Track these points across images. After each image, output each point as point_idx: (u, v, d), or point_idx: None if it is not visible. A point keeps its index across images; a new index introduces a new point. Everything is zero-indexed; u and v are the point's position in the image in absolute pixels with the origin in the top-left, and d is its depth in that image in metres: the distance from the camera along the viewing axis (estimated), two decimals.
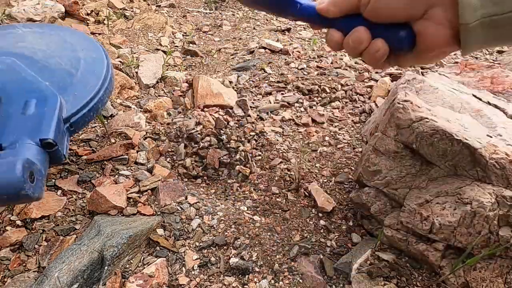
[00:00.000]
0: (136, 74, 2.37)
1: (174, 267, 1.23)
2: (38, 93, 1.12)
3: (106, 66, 1.35)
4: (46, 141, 1.01)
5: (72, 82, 1.24)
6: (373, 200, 1.31)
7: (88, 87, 1.24)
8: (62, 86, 1.21)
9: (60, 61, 1.32)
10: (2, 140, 1.00)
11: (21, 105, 1.08)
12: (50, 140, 1.02)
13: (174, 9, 3.89)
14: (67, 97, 1.17)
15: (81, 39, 1.48)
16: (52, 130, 1.04)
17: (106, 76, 1.31)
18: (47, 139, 1.01)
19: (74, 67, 1.30)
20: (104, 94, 1.27)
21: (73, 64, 1.31)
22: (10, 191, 0.86)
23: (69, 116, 1.14)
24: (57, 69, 1.28)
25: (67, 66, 1.30)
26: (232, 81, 2.37)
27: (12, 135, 1.00)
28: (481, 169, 1.12)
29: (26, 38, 1.42)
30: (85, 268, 1.12)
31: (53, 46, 1.40)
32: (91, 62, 1.35)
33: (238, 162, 1.74)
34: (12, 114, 1.06)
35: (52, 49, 1.38)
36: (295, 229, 1.40)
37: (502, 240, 1.04)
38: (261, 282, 1.20)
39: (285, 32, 3.21)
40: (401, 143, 1.26)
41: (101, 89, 1.26)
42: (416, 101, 1.35)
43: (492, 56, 2.69)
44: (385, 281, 1.14)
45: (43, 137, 1.01)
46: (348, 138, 1.85)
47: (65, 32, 1.51)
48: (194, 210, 1.44)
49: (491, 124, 1.34)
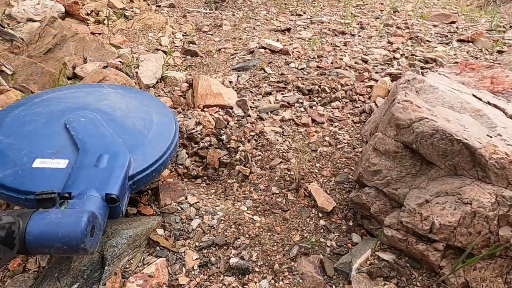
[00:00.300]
0: (136, 74, 2.37)
1: (174, 267, 1.23)
2: (112, 148, 1.21)
3: (175, 131, 1.43)
4: (111, 196, 1.07)
5: (143, 142, 1.32)
6: (373, 200, 1.31)
7: (156, 149, 1.31)
8: (133, 144, 1.28)
9: (135, 122, 1.41)
10: (73, 188, 1.07)
11: (95, 158, 1.17)
12: (114, 196, 1.08)
13: (174, 9, 3.89)
14: (136, 156, 1.24)
15: (156, 104, 1.59)
16: (118, 186, 1.10)
17: (173, 141, 1.38)
18: (112, 195, 1.07)
19: (146, 129, 1.39)
20: (169, 157, 1.34)
21: (146, 126, 1.40)
22: (72, 242, 0.91)
23: (134, 174, 1.20)
24: (132, 128, 1.37)
25: (140, 126, 1.39)
26: (232, 81, 2.37)
27: (82, 185, 1.08)
28: (481, 169, 1.12)
29: (109, 97, 1.54)
30: (85, 268, 1.12)
31: (131, 107, 1.50)
32: (162, 126, 1.43)
33: (238, 162, 1.74)
34: (86, 165, 1.14)
35: (129, 109, 1.48)
36: (295, 229, 1.40)
37: (502, 240, 1.04)
38: (261, 282, 1.20)
39: (285, 32, 3.21)
40: (401, 143, 1.26)
41: (167, 152, 1.33)
42: (416, 101, 1.35)
43: (492, 56, 2.69)
44: (385, 281, 1.14)
45: (109, 192, 1.08)
46: (348, 138, 1.85)
47: (143, 96, 1.64)
48: (194, 210, 1.44)
49: (491, 124, 1.34)
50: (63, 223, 0.92)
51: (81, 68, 2.34)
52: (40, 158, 1.18)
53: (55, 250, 0.92)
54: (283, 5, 4.10)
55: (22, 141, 1.25)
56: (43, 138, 1.27)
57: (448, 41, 2.99)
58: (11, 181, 1.12)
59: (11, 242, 0.87)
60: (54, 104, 1.46)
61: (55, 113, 1.39)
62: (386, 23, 3.42)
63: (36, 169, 1.15)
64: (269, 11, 3.91)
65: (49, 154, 1.20)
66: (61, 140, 1.26)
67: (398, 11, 4.01)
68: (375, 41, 3.01)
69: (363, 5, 4.29)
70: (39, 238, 0.91)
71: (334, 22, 3.53)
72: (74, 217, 0.93)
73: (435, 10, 3.99)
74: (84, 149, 1.20)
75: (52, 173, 1.14)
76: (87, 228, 0.92)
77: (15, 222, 0.90)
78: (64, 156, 1.19)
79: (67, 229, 0.91)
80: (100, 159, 1.16)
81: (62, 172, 1.14)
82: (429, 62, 2.50)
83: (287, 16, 3.77)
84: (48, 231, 0.91)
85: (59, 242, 0.91)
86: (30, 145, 1.23)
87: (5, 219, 0.89)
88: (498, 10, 4.41)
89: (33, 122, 1.34)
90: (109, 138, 1.27)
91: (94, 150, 1.20)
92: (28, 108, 1.43)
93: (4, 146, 1.23)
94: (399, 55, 2.67)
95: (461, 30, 3.30)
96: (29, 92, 1.98)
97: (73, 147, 1.23)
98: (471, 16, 3.97)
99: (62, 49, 2.45)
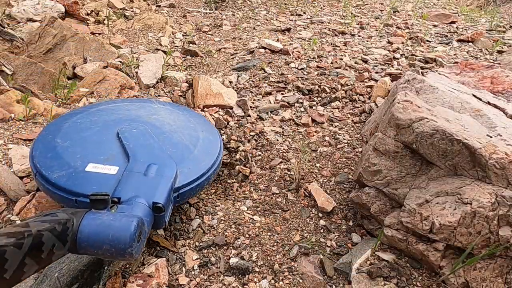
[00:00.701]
0: (136, 74, 2.37)
1: (174, 267, 1.23)
2: (161, 160, 1.26)
3: (219, 149, 1.49)
4: (157, 205, 1.10)
5: (189, 157, 1.36)
6: (373, 200, 1.31)
7: (202, 164, 1.35)
8: (180, 158, 1.33)
9: (182, 137, 1.47)
10: (122, 194, 1.11)
11: (144, 167, 1.22)
12: (161, 205, 1.10)
13: (174, 9, 3.89)
14: (182, 169, 1.29)
15: (203, 121, 1.66)
16: (164, 196, 1.13)
17: (218, 158, 1.43)
18: (158, 204, 1.10)
19: (193, 144, 1.44)
20: (213, 173, 1.38)
21: (193, 142, 1.46)
22: (120, 245, 0.92)
23: (179, 186, 1.24)
24: (179, 143, 1.43)
25: (187, 142, 1.45)
26: (232, 81, 2.37)
27: (131, 192, 1.11)
28: (481, 169, 1.12)
29: (159, 112, 1.62)
30: (85, 268, 1.12)
31: (179, 123, 1.57)
32: (207, 143, 1.49)
33: (238, 162, 1.74)
34: (135, 174, 1.19)
35: (177, 125, 1.55)
36: (295, 229, 1.40)
37: (502, 240, 1.04)
38: (261, 282, 1.20)
39: (285, 32, 3.21)
40: (401, 143, 1.26)
41: (211, 168, 1.37)
42: (416, 101, 1.35)
43: (492, 56, 2.69)
44: (385, 281, 1.14)
45: (156, 201, 1.10)
46: (348, 138, 1.85)
47: (190, 113, 1.72)
48: (194, 210, 1.44)
49: (491, 124, 1.34)
50: (114, 225, 0.94)
51: (81, 68, 2.34)
52: (93, 163, 1.23)
53: (103, 252, 0.93)
54: (283, 5, 4.11)
55: (77, 145, 1.32)
56: (96, 144, 1.33)
57: (448, 41, 2.99)
58: (65, 182, 1.16)
59: (65, 239, 0.88)
60: (109, 114, 1.54)
61: (109, 123, 1.47)
62: (386, 23, 3.42)
63: (88, 173, 1.20)
64: (269, 11, 3.91)
65: (101, 160, 1.25)
66: (113, 148, 1.32)
67: (398, 11, 4.01)
68: (375, 41, 3.01)
69: (363, 5, 4.30)
70: (90, 238, 0.92)
71: (334, 22, 3.53)
72: (124, 221, 0.95)
73: (435, 10, 3.99)
74: (135, 158, 1.25)
75: (103, 178, 1.18)
76: (136, 233, 0.94)
77: (70, 219, 0.91)
78: (115, 163, 1.24)
79: (117, 232, 0.92)
80: (149, 168, 1.21)
81: (113, 178, 1.18)
82: (429, 62, 2.50)
83: (287, 16, 3.77)
84: (99, 231, 0.92)
85: (108, 244, 0.92)
86: (84, 150, 1.29)
87: (60, 216, 0.90)
88: (498, 10, 4.42)
89: (88, 130, 1.42)
90: (158, 150, 1.32)
91: (144, 160, 1.24)
92: (85, 117, 1.51)
93: (60, 149, 1.29)
94: (399, 55, 2.67)
95: (461, 30, 3.30)
96: (29, 92, 1.98)
97: (124, 156, 1.28)
98: (471, 16, 3.97)
99: (62, 49, 2.45)
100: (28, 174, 1.49)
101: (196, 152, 1.40)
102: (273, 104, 2.08)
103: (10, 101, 1.85)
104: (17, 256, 0.75)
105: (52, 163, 1.23)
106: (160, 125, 1.50)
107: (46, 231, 0.82)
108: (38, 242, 0.80)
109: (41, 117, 1.86)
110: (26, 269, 0.78)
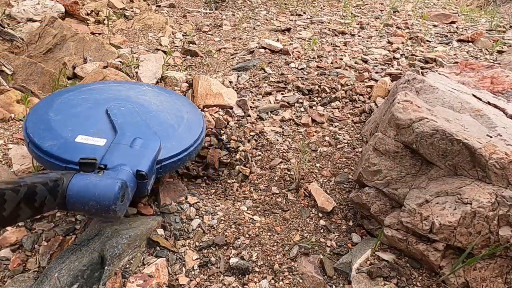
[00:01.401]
0: (136, 74, 2.37)
1: (174, 267, 1.23)
2: (146, 135, 1.39)
3: (202, 129, 1.60)
4: (141, 173, 1.22)
5: (173, 134, 1.49)
6: (373, 200, 1.31)
7: (184, 142, 1.47)
8: (164, 135, 1.45)
9: (168, 116, 1.59)
10: (109, 162, 1.23)
11: (130, 140, 1.34)
12: (144, 173, 1.22)
13: (174, 9, 3.89)
14: (165, 144, 1.41)
15: (187, 104, 1.79)
16: (147, 166, 1.26)
17: (199, 137, 1.55)
18: (142, 172, 1.22)
19: (177, 124, 1.56)
20: (194, 150, 1.50)
21: (177, 121, 1.58)
22: (105, 202, 1.04)
23: (162, 159, 1.36)
24: (164, 122, 1.55)
25: (172, 121, 1.57)
26: (232, 81, 2.37)
27: (117, 160, 1.24)
28: (481, 169, 1.12)
29: (147, 94, 1.73)
30: (85, 268, 1.12)
31: (166, 104, 1.69)
32: (191, 123, 1.61)
33: (238, 162, 1.74)
34: (122, 145, 1.31)
35: (164, 106, 1.67)
36: (295, 229, 1.40)
37: (502, 240, 1.04)
38: (261, 282, 1.20)
39: (285, 32, 3.21)
40: (401, 143, 1.26)
41: (192, 145, 1.49)
42: (416, 101, 1.35)
43: (492, 56, 2.69)
44: (385, 281, 1.14)
45: (139, 169, 1.23)
46: (348, 138, 1.85)
47: (176, 96, 1.84)
48: (194, 210, 1.44)
49: (491, 124, 1.34)
50: (100, 184, 1.06)
51: (81, 68, 2.34)
52: (83, 135, 1.34)
53: (89, 208, 1.04)
54: (283, 5, 4.11)
55: (68, 119, 1.42)
56: (87, 119, 1.44)
57: (448, 41, 2.99)
58: (56, 150, 1.27)
59: (55, 194, 1.01)
60: (99, 93, 1.64)
61: (100, 101, 1.57)
62: (386, 23, 3.42)
63: (78, 143, 1.31)
64: (269, 11, 3.91)
65: (91, 133, 1.36)
66: (102, 123, 1.43)
67: (398, 11, 4.01)
68: (375, 41, 3.01)
69: (363, 5, 4.29)
70: (78, 194, 1.04)
71: (334, 22, 3.53)
72: (110, 182, 1.08)
73: (435, 10, 3.99)
74: (122, 132, 1.37)
75: (91, 148, 1.30)
76: (120, 193, 1.05)
77: (61, 178, 1.04)
78: (103, 136, 1.36)
79: (103, 190, 1.05)
80: (135, 141, 1.33)
81: (101, 149, 1.29)
82: (429, 62, 2.50)
83: (287, 16, 3.77)
84: (86, 189, 1.05)
85: (94, 201, 1.04)
86: (75, 124, 1.40)
87: (52, 175, 1.03)
88: (498, 10, 4.42)
89: (79, 106, 1.52)
90: (144, 126, 1.44)
91: (130, 134, 1.36)
92: (77, 94, 1.61)
93: (53, 122, 1.40)
94: (399, 55, 2.67)
95: (461, 30, 3.30)
96: (29, 92, 1.98)
97: (112, 131, 1.39)
98: (471, 16, 3.97)
99: (62, 49, 2.45)
100: None
101: (180, 131, 1.52)
102: (273, 104, 2.08)
103: (10, 101, 1.85)
104: (14, 199, 0.88)
105: (45, 134, 1.34)
106: (148, 105, 1.60)
107: (39, 184, 0.96)
108: (32, 192, 0.93)
109: None
110: (21, 213, 0.91)
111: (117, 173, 1.15)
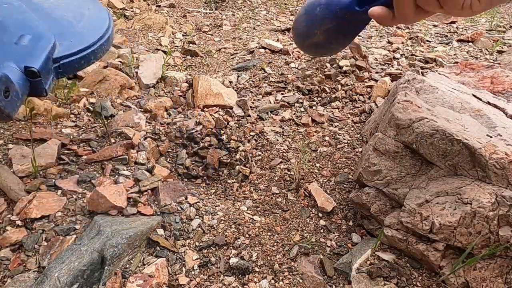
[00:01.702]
0: (136, 74, 2.37)
1: (174, 267, 1.23)
2: (35, 31, 1.23)
3: (107, 26, 1.44)
4: (30, 69, 1.09)
5: (70, 32, 1.34)
6: (373, 200, 1.31)
7: (85, 38, 1.33)
8: (60, 32, 1.30)
9: (64, 14, 1.43)
10: None
11: (16, 36, 1.18)
12: (34, 69, 1.09)
13: (174, 9, 3.89)
14: (62, 42, 1.26)
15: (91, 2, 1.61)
16: (39, 62, 1.12)
17: (105, 34, 1.39)
18: (31, 68, 1.09)
19: (76, 20, 1.41)
20: (99, 48, 1.37)
21: (76, 18, 1.42)
22: None
23: (60, 57, 1.22)
24: (60, 19, 1.39)
25: (69, 18, 1.41)
26: (232, 81, 2.37)
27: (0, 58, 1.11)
28: (481, 169, 1.12)
29: None
30: (85, 268, 1.12)
31: (62, 1, 1.52)
32: (93, 20, 1.46)
33: (238, 162, 1.75)
34: (5, 42, 1.16)
35: (59, 2, 1.50)
36: (295, 229, 1.40)
37: (502, 240, 1.04)
38: (261, 282, 1.20)
39: (285, 32, 3.21)
40: (401, 143, 1.26)
41: (97, 43, 1.35)
42: (416, 101, 1.35)
43: (492, 56, 2.69)
44: (385, 281, 1.14)
45: (28, 65, 1.09)
46: (348, 138, 1.85)
47: None
48: (194, 210, 1.44)
49: (491, 124, 1.34)
50: None
51: None
52: None
53: None
54: (283, 5, 4.11)
55: None
56: None
57: (448, 41, 2.99)
58: None
59: None
60: None
61: None
62: None
63: None
64: (269, 11, 3.91)
65: None
66: None
67: None
68: (375, 41, 3.01)
69: None
70: None
71: None
72: None
73: None
74: (3, 29, 1.21)
75: None
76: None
77: None
78: None
79: None
80: (21, 38, 1.19)
81: None
82: (429, 62, 2.50)
83: (287, 16, 3.77)
84: None
85: None
86: None
87: None
88: (498, 10, 4.41)
89: None
90: (32, 22, 1.29)
91: (15, 31, 1.21)
92: None
93: None
94: (399, 55, 2.67)
95: (461, 30, 3.30)
96: None
97: None
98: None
99: None
100: (28, 174, 1.49)
101: (80, 27, 1.39)
102: (273, 104, 2.08)
103: None
104: None
105: None
106: (40, 2, 1.47)
107: None
108: None
109: (41, 117, 1.86)
110: None
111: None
